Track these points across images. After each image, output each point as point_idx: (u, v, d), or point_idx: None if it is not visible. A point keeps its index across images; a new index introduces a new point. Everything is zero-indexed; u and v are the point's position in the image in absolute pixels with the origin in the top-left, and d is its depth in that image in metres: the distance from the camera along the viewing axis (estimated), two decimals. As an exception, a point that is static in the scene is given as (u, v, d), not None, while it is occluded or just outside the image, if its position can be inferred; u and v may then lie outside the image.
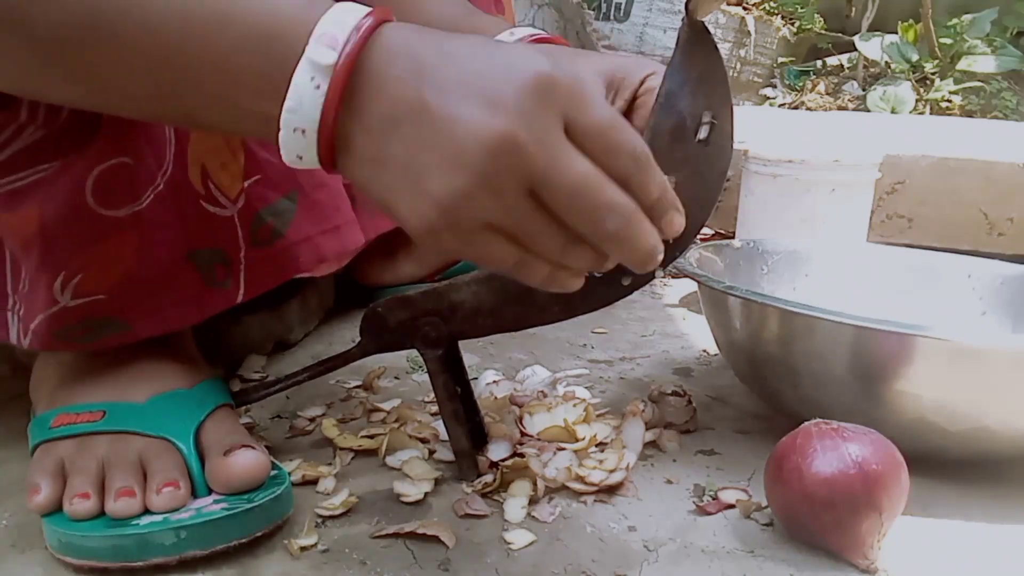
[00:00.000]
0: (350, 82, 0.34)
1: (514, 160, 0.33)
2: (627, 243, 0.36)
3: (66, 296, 0.48)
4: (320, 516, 0.48)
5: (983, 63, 2.29)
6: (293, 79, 0.34)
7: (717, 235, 1.16)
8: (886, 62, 2.39)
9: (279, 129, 0.35)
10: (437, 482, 0.52)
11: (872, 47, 2.41)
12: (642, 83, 0.52)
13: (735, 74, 2.52)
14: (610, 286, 0.48)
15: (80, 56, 0.36)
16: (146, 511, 0.44)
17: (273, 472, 0.48)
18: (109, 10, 0.35)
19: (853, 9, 2.65)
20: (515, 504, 0.49)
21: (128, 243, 0.48)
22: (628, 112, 0.52)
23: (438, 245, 0.36)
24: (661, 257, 0.37)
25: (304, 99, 0.34)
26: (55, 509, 0.44)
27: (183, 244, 0.51)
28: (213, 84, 0.36)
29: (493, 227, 0.35)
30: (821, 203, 0.88)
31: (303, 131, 0.35)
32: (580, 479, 0.51)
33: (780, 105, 2.46)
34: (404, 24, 0.36)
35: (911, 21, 2.39)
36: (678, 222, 0.38)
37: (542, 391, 0.64)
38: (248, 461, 0.46)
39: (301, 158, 0.36)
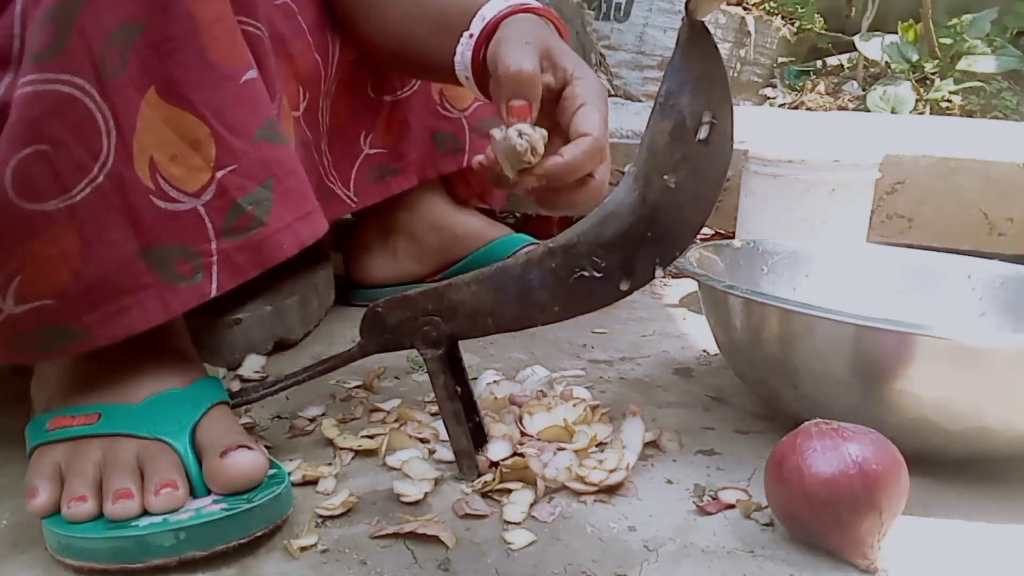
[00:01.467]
0: None
1: None
2: None
3: (9, 302, 0.46)
4: (320, 516, 0.48)
5: (983, 63, 2.29)
6: None
7: (717, 235, 1.16)
8: (886, 62, 2.39)
9: None
10: (437, 482, 0.52)
11: (872, 47, 2.41)
12: (569, 78, 0.57)
13: (735, 74, 2.52)
14: (609, 288, 0.48)
15: None
16: (145, 512, 0.44)
17: (272, 471, 0.48)
18: None
19: (853, 9, 2.65)
20: (515, 504, 0.49)
21: (67, 240, 0.46)
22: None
23: None
24: None
25: None
26: (53, 512, 0.44)
27: (134, 243, 0.48)
28: None
29: None
30: (821, 203, 0.88)
31: None
32: (580, 479, 0.51)
33: (780, 105, 2.46)
34: None
35: (911, 21, 2.39)
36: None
37: (541, 391, 0.64)
38: (245, 461, 0.46)
39: None
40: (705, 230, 1.16)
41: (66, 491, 0.45)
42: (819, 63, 2.64)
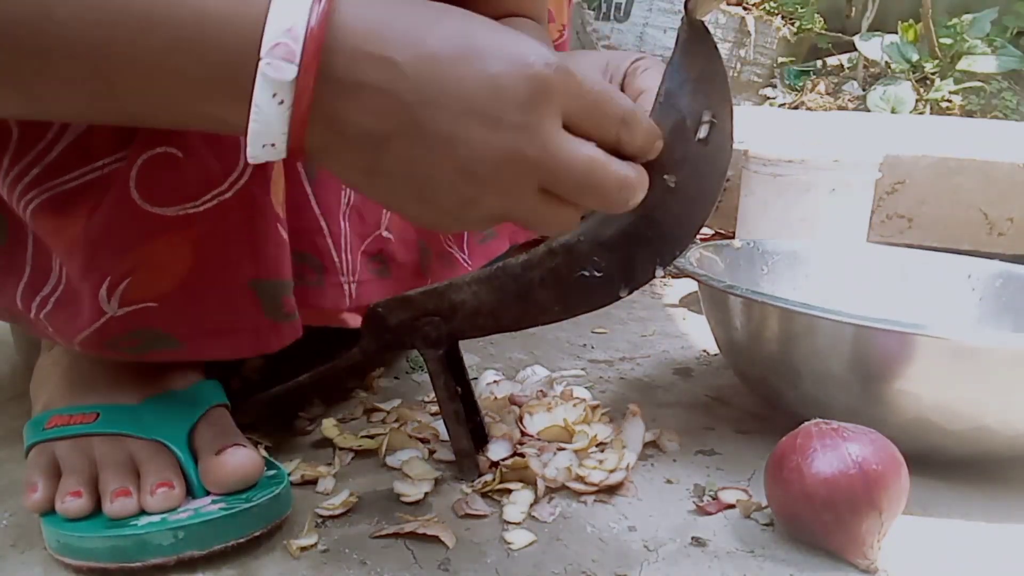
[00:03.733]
0: (315, 93, 0.33)
1: (521, 170, 0.35)
2: (629, 204, 0.39)
3: (112, 304, 0.45)
4: (320, 516, 0.48)
5: (983, 63, 2.29)
6: (254, 99, 0.33)
7: (717, 235, 1.16)
8: (886, 62, 2.39)
9: (246, 145, 0.34)
10: (437, 482, 0.52)
11: (872, 47, 2.41)
12: (631, 63, 0.51)
13: (735, 74, 2.52)
14: (609, 288, 0.48)
15: (7, 67, 0.34)
16: (143, 512, 0.44)
17: (271, 472, 0.48)
18: (29, 18, 0.32)
19: (853, 9, 2.65)
20: (515, 504, 0.49)
21: (179, 248, 0.45)
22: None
23: (448, 232, 0.37)
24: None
25: (270, 117, 0.33)
26: (52, 507, 0.44)
27: (249, 269, 0.47)
28: (153, 89, 0.34)
29: (501, 216, 0.37)
30: (821, 203, 0.88)
31: (272, 144, 0.34)
32: (580, 479, 0.51)
33: (780, 105, 2.46)
34: (358, 5, 0.34)
35: (911, 21, 2.40)
36: (659, 146, 0.41)
37: (541, 390, 0.64)
38: (240, 459, 0.46)
39: (269, 156, 0.35)
40: (705, 230, 1.16)
41: (61, 487, 0.45)
42: (819, 63, 2.65)
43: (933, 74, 2.34)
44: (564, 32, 0.76)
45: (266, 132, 0.34)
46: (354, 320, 0.56)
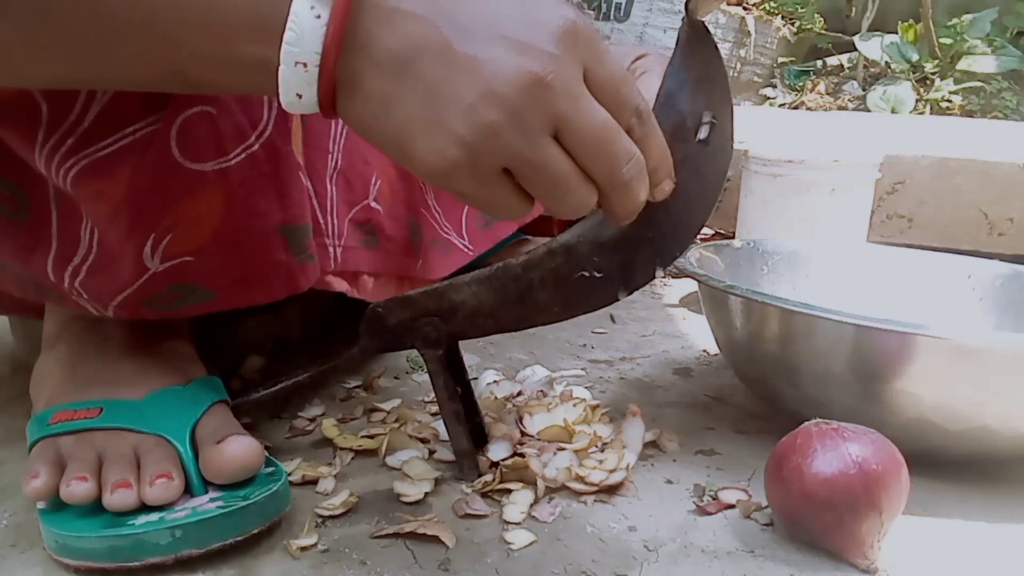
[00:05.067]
0: (352, 11, 0.34)
1: (544, 99, 0.34)
2: (632, 192, 0.37)
3: (156, 261, 0.47)
4: (320, 516, 0.48)
5: (983, 63, 2.29)
6: (292, 8, 0.33)
7: (717, 235, 1.16)
8: (886, 62, 2.39)
9: (278, 65, 0.34)
10: (437, 482, 0.52)
11: (872, 47, 2.42)
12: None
13: (735, 74, 2.52)
14: (609, 289, 0.48)
15: (63, 23, 0.34)
16: (143, 509, 0.44)
17: (269, 469, 0.48)
18: None
19: (853, 9, 2.66)
20: (515, 504, 0.49)
21: (214, 201, 0.47)
22: None
23: (451, 185, 0.36)
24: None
25: (305, 30, 0.33)
26: (53, 495, 0.44)
27: (277, 215, 0.50)
28: (204, 33, 0.34)
29: (509, 172, 0.36)
30: (821, 203, 0.88)
31: (304, 64, 0.34)
32: (580, 479, 0.51)
33: (780, 105, 2.46)
34: None
35: (911, 21, 2.40)
36: (668, 187, 0.41)
37: (541, 391, 0.64)
38: (240, 447, 0.46)
39: (300, 96, 0.35)
40: (705, 230, 1.16)
41: (67, 473, 0.45)
42: (819, 63, 2.65)
43: (933, 74, 2.34)
44: None
45: (300, 44, 0.33)
46: (338, 284, 0.58)
